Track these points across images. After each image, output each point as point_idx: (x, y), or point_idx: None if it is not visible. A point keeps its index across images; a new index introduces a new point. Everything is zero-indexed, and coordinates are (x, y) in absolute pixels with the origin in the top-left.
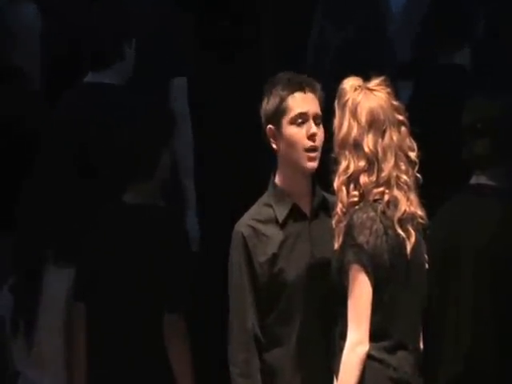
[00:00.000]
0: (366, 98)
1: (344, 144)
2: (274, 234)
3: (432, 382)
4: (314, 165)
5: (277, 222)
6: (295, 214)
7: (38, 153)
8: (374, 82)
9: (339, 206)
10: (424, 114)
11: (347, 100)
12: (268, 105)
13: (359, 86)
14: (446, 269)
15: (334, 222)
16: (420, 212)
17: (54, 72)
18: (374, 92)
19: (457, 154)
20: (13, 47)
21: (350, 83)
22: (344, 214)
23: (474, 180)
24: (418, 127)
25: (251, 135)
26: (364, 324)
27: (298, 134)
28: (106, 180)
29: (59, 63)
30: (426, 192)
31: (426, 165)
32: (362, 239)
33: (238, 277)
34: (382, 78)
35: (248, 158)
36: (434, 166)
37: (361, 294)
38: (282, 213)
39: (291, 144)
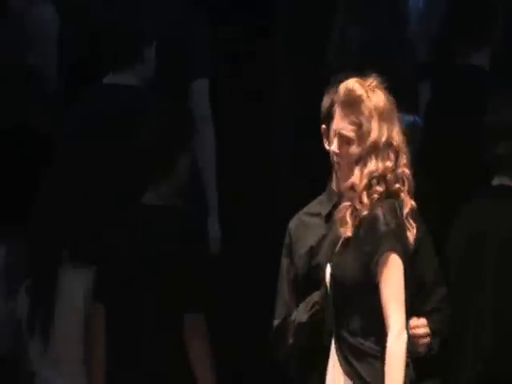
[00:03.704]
0: (380, 96)
1: (376, 146)
2: (317, 226)
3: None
4: None
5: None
6: None
7: (55, 153)
8: (374, 82)
9: (358, 203)
10: (444, 114)
11: (365, 101)
12: (323, 103)
13: (368, 86)
14: (468, 271)
15: (346, 213)
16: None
17: (71, 73)
18: (379, 91)
19: (478, 155)
20: (30, 48)
21: (356, 84)
22: (362, 208)
23: (496, 181)
24: (438, 128)
25: (272, 137)
26: (403, 311)
27: None
28: (124, 180)
29: (77, 64)
30: (447, 193)
31: (446, 166)
32: (393, 227)
33: (281, 266)
34: (377, 77)
35: (267, 160)
36: (455, 167)
37: (399, 280)
38: (326, 208)
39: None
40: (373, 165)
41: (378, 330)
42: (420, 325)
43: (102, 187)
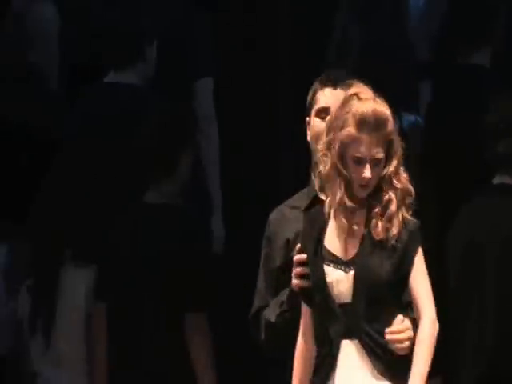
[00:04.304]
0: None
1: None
2: (295, 219)
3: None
4: None
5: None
6: (317, 204)
7: (56, 152)
8: (369, 92)
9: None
10: (445, 114)
11: (389, 117)
12: (307, 97)
13: (376, 98)
14: (470, 269)
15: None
16: None
17: (73, 72)
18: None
19: (479, 153)
20: (31, 47)
21: (376, 104)
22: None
23: (497, 180)
24: (439, 127)
25: (276, 136)
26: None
27: (318, 127)
28: (126, 179)
29: (79, 63)
30: (448, 192)
31: (447, 165)
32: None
33: (261, 257)
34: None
35: (271, 159)
36: (456, 166)
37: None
38: (305, 202)
39: (314, 136)
40: (405, 176)
41: None
42: (403, 329)
43: (103, 186)
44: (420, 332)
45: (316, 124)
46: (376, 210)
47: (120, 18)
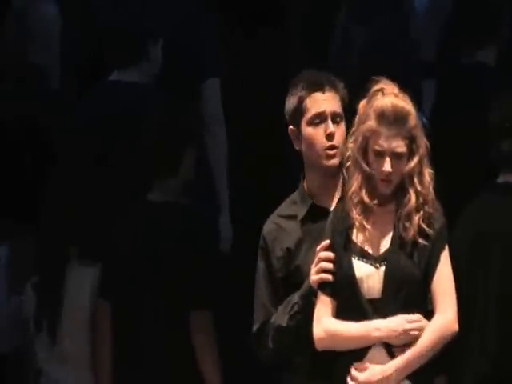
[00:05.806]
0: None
1: (427, 153)
2: (293, 230)
3: (458, 381)
4: (334, 162)
5: (297, 219)
6: (315, 212)
7: (60, 150)
8: (394, 87)
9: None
10: (448, 113)
11: (411, 112)
12: (289, 105)
13: (399, 94)
14: (474, 268)
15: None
16: None
17: (76, 71)
18: (403, 93)
19: (483, 152)
20: (32, 46)
21: (396, 99)
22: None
23: (501, 179)
24: (442, 126)
25: (283, 137)
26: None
27: (316, 134)
28: (131, 178)
29: (82, 62)
30: (452, 192)
31: (451, 164)
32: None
33: (258, 270)
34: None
35: (278, 159)
36: (460, 164)
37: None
38: (302, 211)
39: (310, 145)
40: (428, 172)
41: None
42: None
43: (108, 184)
44: (439, 321)
45: (310, 133)
46: (400, 208)
47: (122, 17)
